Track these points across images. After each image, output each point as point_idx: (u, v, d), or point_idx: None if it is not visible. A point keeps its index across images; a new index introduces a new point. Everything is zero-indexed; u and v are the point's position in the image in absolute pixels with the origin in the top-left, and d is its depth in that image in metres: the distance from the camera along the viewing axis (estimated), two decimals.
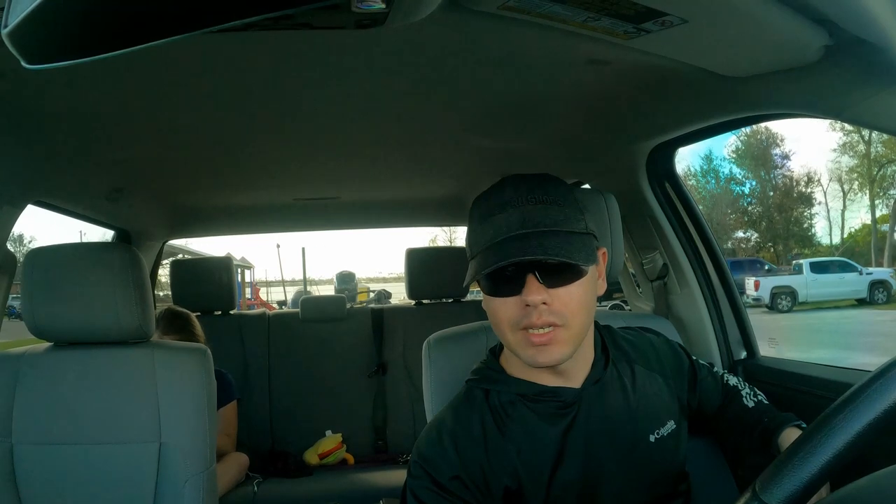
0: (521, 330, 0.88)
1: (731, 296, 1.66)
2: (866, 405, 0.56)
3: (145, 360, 1.32)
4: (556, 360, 0.89)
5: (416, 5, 0.80)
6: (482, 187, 0.98)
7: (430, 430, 0.98)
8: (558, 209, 0.90)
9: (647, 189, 1.66)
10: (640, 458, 0.98)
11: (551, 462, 0.94)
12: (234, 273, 3.29)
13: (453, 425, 0.96)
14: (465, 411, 0.98)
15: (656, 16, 0.87)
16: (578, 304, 0.89)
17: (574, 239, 0.88)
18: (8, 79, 1.10)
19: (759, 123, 1.86)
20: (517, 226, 0.88)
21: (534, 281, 0.87)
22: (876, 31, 0.79)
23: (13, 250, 1.64)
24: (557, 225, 0.88)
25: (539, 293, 0.86)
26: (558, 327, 0.87)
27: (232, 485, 2.16)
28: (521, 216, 0.88)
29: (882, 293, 15.47)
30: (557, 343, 0.88)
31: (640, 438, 0.98)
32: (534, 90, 1.41)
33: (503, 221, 0.89)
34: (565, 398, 0.95)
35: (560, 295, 0.87)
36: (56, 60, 0.44)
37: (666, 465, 1.01)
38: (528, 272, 0.87)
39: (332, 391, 2.65)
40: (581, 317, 0.90)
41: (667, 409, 1.03)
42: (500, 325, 0.91)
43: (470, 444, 0.94)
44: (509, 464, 0.93)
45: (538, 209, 0.89)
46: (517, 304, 0.88)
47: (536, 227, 0.87)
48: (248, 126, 1.61)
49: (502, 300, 0.89)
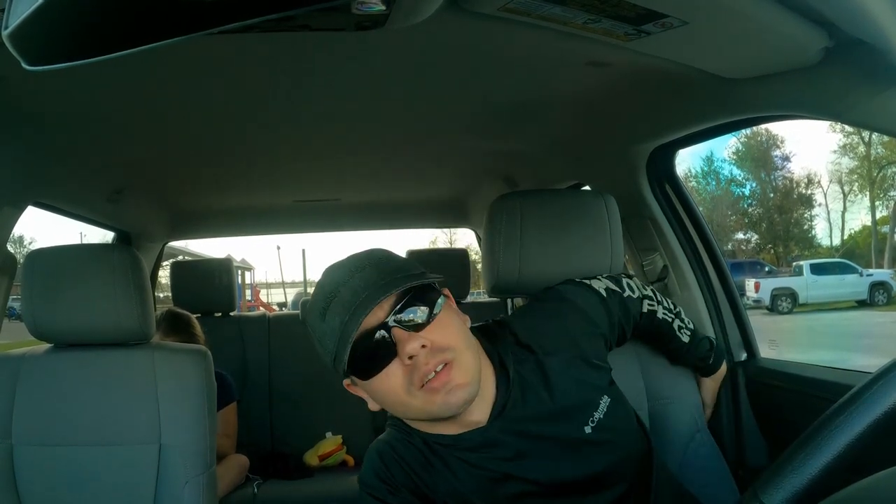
0: (419, 388, 0.85)
1: (732, 297, 1.66)
2: (867, 407, 0.56)
3: (145, 361, 1.32)
4: (467, 396, 0.86)
5: (415, 7, 0.80)
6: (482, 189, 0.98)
7: (366, 458, 1.01)
8: (386, 264, 0.89)
9: (648, 191, 1.65)
10: (584, 454, 0.95)
11: (490, 482, 0.93)
12: (235, 275, 3.29)
13: (385, 448, 0.98)
14: (396, 436, 0.99)
15: (656, 17, 0.87)
16: (454, 333, 0.87)
17: (413, 277, 0.87)
18: (8, 80, 1.10)
19: (760, 125, 1.86)
20: (354, 297, 0.84)
21: (401, 333, 0.84)
22: (876, 33, 0.79)
23: (13, 251, 1.64)
24: (393, 275, 0.86)
25: (414, 340, 0.83)
26: (450, 362, 0.85)
27: (232, 486, 2.16)
28: (353, 287, 0.85)
29: (882, 295, 15.44)
30: (457, 376, 0.85)
31: (575, 437, 0.95)
32: (534, 92, 1.41)
33: (340, 304, 0.85)
34: (472, 443, 0.93)
35: (433, 334, 0.85)
36: (57, 62, 0.44)
37: (619, 447, 0.97)
38: (390, 331, 0.84)
39: (333, 393, 2.62)
40: (464, 345, 0.88)
41: (595, 388, 0.99)
42: (397, 396, 0.87)
43: (401, 462, 0.95)
44: (445, 483, 0.94)
45: (367, 273, 0.87)
46: (400, 368, 0.85)
47: (370, 288, 0.84)
48: (249, 128, 1.61)
49: (384, 373, 0.86)
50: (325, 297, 0.88)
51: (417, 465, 0.95)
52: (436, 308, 0.87)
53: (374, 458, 0.98)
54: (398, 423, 1.01)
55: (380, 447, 0.99)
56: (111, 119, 1.46)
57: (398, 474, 0.95)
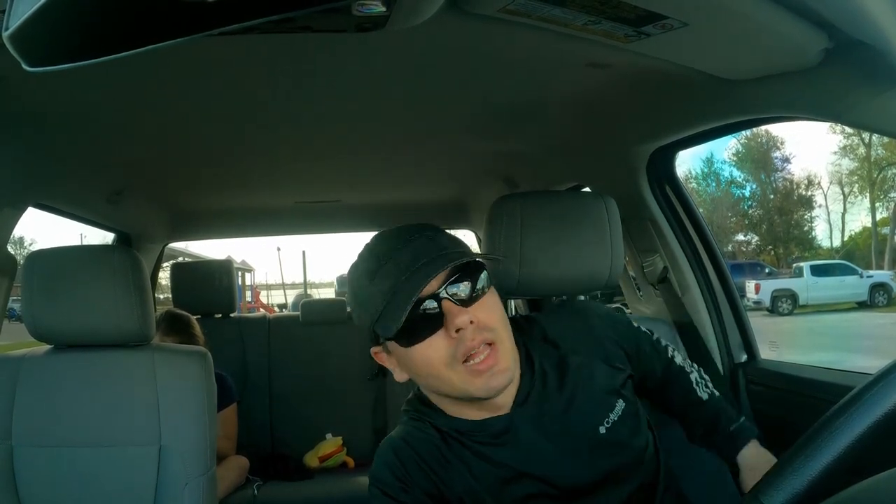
0: (462, 364, 0.85)
1: (732, 299, 1.66)
2: (867, 408, 0.56)
3: (145, 362, 1.32)
4: (506, 380, 0.88)
5: (416, 8, 0.80)
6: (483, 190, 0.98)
7: (378, 451, 0.98)
8: (440, 237, 0.90)
9: (648, 192, 1.65)
10: (597, 454, 0.95)
11: (504, 480, 0.93)
12: (235, 276, 3.29)
13: (399, 442, 0.96)
14: (412, 430, 0.98)
15: (656, 19, 0.87)
16: (499, 316, 0.89)
17: (468, 254, 0.88)
18: (9, 81, 1.10)
19: (760, 126, 1.86)
20: (411, 261, 0.85)
21: (451, 306, 0.85)
22: (875, 34, 0.79)
23: (13, 253, 1.64)
24: (447, 249, 0.87)
25: (462, 314, 0.84)
26: (494, 345, 0.86)
27: (232, 488, 2.16)
28: (412, 252, 0.86)
29: (882, 296, 15.44)
30: (500, 361, 0.86)
31: (590, 436, 0.96)
32: (534, 93, 1.41)
33: (395, 267, 0.86)
34: (494, 429, 0.94)
35: (480, 312, 0.86)
36: (57, 63, 0.44)
37: (628, 451, 0.98)
38: (441, 302, 0.85)
39: (333, 394, 2.65)
40: (506, 329, 0.89)
41: (613, 391, 1.00)
42: (435, 368, 0.87)
43: (416, 457, 0.94)
44: (461, 479, 0.93)
45: (422, 242, 0.88)
46: (445, 339, 0.85)
47: (430, 256, 0.85)
48: (249, 129, 1.61)
49: (427, 343, 0.86)
50: (378, 259, 0.88)
51: (434, 461, 0.94)
52: (484, 287, 0.88)
53: (388, 454, 0.96)
54: (415, 409, 1.00)
55: (394, 442, 0.97)
56: (111, 120, 1.46)
57: (413, 471, 0.93)
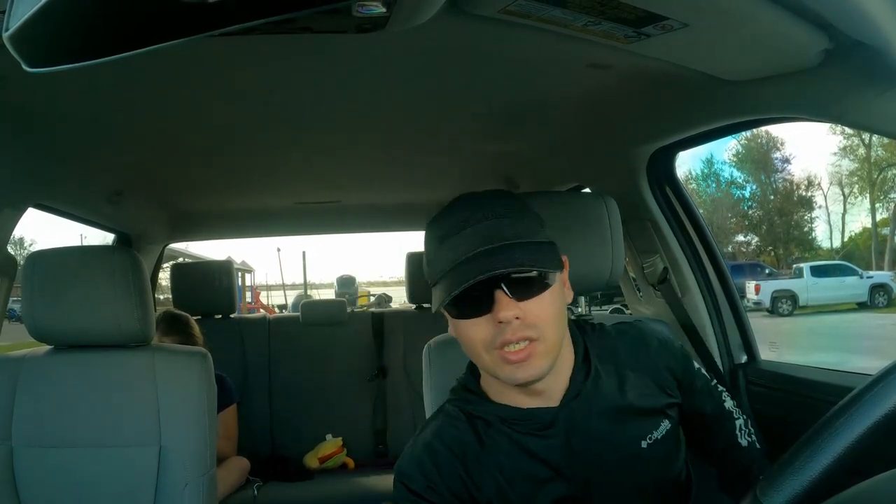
0: (497, 349, 0.86)
1: (732, 299, 1.66)
2: (867, 409, 0.56)
3: (146, 363, 1.32)
4: (535, 376, 0.87)
5: (416, 9, 0.80)
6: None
7: (409, 446, 0.96)
8: (518, 222, 0.88)
9: (648, 193, 1.66)
10: (633, 467, 0.95)
11: (536, 481, 0.92)
12: (235, 277, 3.29)
13: (431, 439, 0.94)
14: (445, 427, 0.96)
15: (656, 20, 0.87)
16: (550, 315, 0.87)
17: (541, 248, 0.87)
18: (9, 82, 1.10)
19: (760, 127, 1.86)
20: (479, 242, 0.85)
21: (503, 296, 0.84)
22: (876, 35, 0.79)
23: (14, 253, 1.64)
24: (520, 237, 0.86)
25: (511, 308, 0.84)
26: (534, 341, 0.85)
27: (232, 489, 2.16)
28: (482, 232, 0.86)
29: (882, 297, 15.43)
30: (535, 357, 0.86)
31: (631, 447, 0.95)
32: (534, 94, 1.41)
33: (463, 240, 0.86)
34: (542, 419, 0.93)
35: (531, 307, 0.85)
36: (57, 64, 0.44)
37: (663, 472, 0.98)
38: (495, 288, 0.84)
39: (333, 395, 2.65)
40: (554, 328, 0.88)
41: (659, 411, 1.00)
42: (474, 347, 0.88)
43: (449, 457, 0.92)
44: (492, 480, 0.92)
45: (498, 223, 0.87)
46: (489, 324, 0.85)
47: (500, 242, 0.85)
48: (250, 130, 1.61)
49: (472, 322, 0.87)
50: (452, 226, 0.88)
51: (467, 461, 0.92)
52: (544, 286, 0.87)
53: (419, 450, 0.93)
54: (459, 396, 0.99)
55: (426, 439, 0.94)
56: (112, 120, 1.46)
57: (444, 471, 0.91)
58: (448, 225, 0.89)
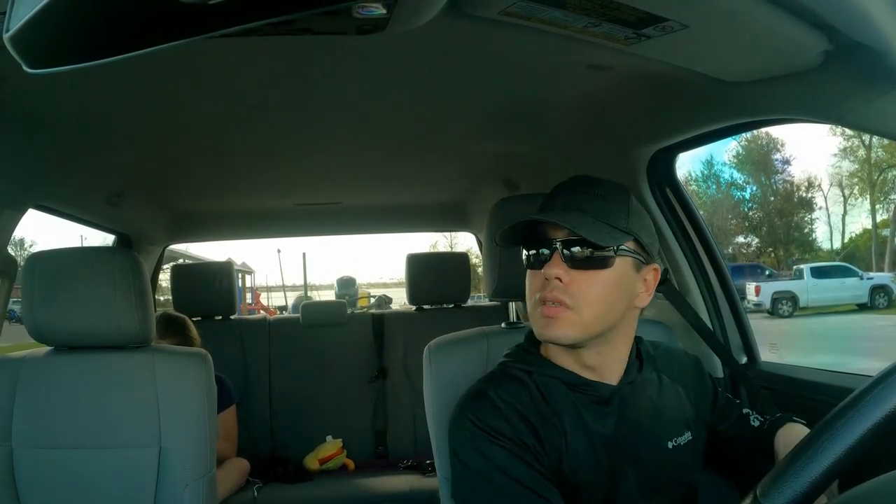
0: (538, 302, 0.93)
1: (732, 301, 1.66)
2: (868, 410, 0.56)
3: (145, 364, 1.32)
4: (558, 338, 0.92)
5: (416, 11, 0.80)
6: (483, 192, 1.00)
7: (472, 399, 0.97)
8: (607, 205, 0.93)
9: (648, 194, 1.65)
10: (656, 462, 0.98)
11: (586, 450, 0.95)
12: (235, 278, 3.29)
13: (499, 392, 0.95)
14: (507, 385, 0.97)
15: (657, 21, 0.87)
16: (596, 294, 0.91)
17: (612, 233, 0.91)
18: (9, 83, 1.10)
19: (760, 129, 1.86)
20: (558, 206, 0.94)
21: (558, 258, 0.91)
22: (876, 36, 0.79)
23: (14, 254, 1.64)
24: (598, 216, 0.91)
25: (558, 268, 0.90)
26: (568, 308, 0.90)
27: (232, 490, 2.16)
28: (566, 199, 0.95)
29: (883, 298, 15.41)
30: (562, 322, 0.90)
31: (659, 443, 1.00)
32: (534, 95, 1.41)
33: (549, 200, 0.97)
34: (602, 393, 0.97)
35: (579, 278, 0.91)
36: (58, 65, 0.44)
37: (678, 474, 1.02)
38: (555, 251, 0.91)
39: (333, 396, 2.64)
40: (595, 308, 0.91)
41: (685, 420, 1.05)
42: (528, 297, 0.96)
43: (520, 410, 0.93)
44: (558, 442, 0.93)
45: (584, 197, 0.94)
46: (540, 278, 0.93)
47: (575, 209, 0.92)
48: (250, 131, 1.62)
49: (532, 273, 0.95)
50: (557, 190, 0.97)
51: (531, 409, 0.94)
52: (600, 265, 0.92)
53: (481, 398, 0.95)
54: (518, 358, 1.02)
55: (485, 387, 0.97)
56: (112, 122, 1.46)
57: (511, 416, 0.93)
58: (552, 192, 0.99)
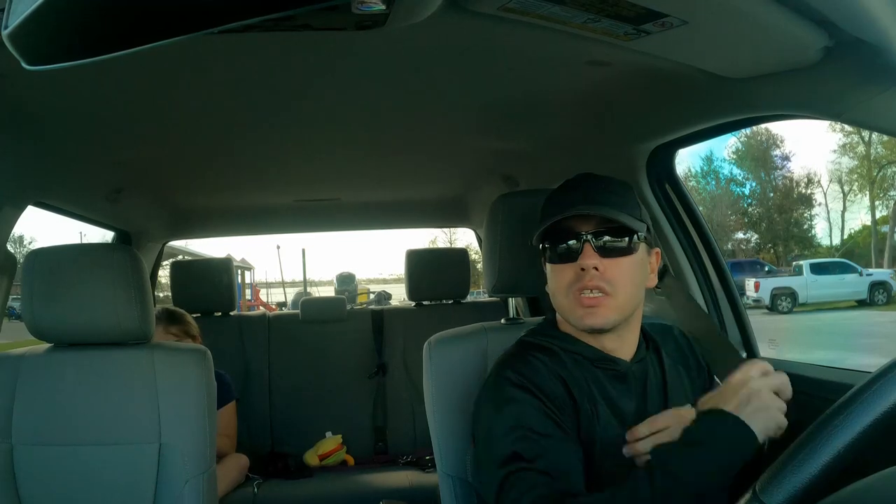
0: (574, 293, 0.97)
1: (731, 297, 1.66)
2: (867, 406, 0.56)
3: (145, 361, 1.32)
4: (601, 324, 0.97)
5: (416, 7, 0.80)
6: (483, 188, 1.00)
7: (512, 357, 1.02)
8: (622, 200, 1.01)
9: (647, 190, 1.65)
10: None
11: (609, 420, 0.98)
12: (234, 274, 3.29)
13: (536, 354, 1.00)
14: (539, 352, 1.01)
15: (656, 17, 0.87)
16: (627, 277, 0.98)
17: (632, 220, 0.98)
18: (8, 79, 1.10)
19: (759, 125, 1.86)
20: (579, 201, 0.99)
21: (590, 249, 0.97)
22: (876, 32, 0.79)
23: (13, 251, 1.64)
24: (616, 207, 0.98)
25: (593, 258, 0.96)
26: (607, 295, 0.96)
27: (232, 486, 2.16)
28: (584, 194, 1.00)
29: (882, 294, 15.42)
30: (604, 308, 0.96)
31: None
32: (534, 91, 1.41)
33: (566, 197, 1.01)
34: (620, 368, 1.02)
35: (611, 265, 0.97)
36: (56, 61, 0.44)
37: None
38: (585, 242, 0.97)
39: (333, 392, 2.65)
40: (628, 290, 0.99)
41: (685, 396, 1.07)
42: (557, 290, 1.01)
43: (557, 371, 0.98)
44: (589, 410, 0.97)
45: (600, 191, 1.01)
46: (573, 270, 0.98)
47: (596, 202, 0.98)
48: (249, 127, 1.61)
49: (561, 267, 1.00)
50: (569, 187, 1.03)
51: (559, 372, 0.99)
52: (627, 251, 0.99)
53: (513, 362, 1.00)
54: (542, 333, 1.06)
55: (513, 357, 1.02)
56: (111, 118, 1.46)
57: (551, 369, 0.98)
58: (559, 190, 1.05)
